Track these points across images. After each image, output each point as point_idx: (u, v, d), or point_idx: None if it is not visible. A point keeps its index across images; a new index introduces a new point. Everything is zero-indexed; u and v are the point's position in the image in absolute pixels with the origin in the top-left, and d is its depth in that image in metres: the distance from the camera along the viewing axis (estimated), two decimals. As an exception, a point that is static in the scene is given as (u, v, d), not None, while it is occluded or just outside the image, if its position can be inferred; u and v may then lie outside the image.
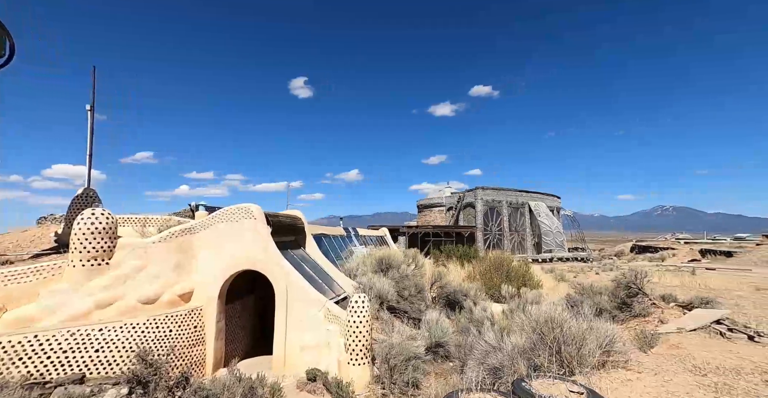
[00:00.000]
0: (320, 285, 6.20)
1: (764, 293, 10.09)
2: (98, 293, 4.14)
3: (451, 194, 41.29)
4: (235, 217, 5.45)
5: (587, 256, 38.65)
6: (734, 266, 21.34)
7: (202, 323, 4.92)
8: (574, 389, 2.30)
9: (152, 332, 4.20)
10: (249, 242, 5.29)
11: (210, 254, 5.31)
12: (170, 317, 4.47)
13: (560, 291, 12.55)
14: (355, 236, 13.01)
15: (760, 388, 3.52)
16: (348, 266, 9.20)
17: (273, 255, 5.22)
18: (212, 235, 5.39)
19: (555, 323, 3.96)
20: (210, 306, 5.04)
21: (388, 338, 5.55)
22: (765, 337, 5.41)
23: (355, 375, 4.34)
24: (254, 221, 5.36)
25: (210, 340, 4.93)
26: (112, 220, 4.47)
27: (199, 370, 4.70)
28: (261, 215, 5.50)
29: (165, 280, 4.73)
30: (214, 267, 5.22)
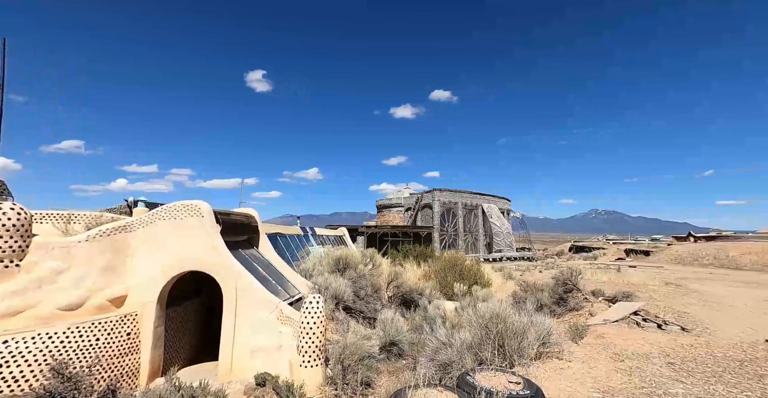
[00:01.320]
0: (274, 286, 5.99)
1: (671, 287, 11.63)
2: (5, 300, 3.59)
3: (410, 195, 42.16)
4: (180, 214, 5.06)
5: (532, 255, 41.68)
6: (651, 264, 24.34)
7: (137, 329, 4.49)
8: (513, 379, 2.48)
9: (74, 342, 3.74)
10: (195, 241, 4.94)
11: (149, 255, 4.87)
12: (97, 324, 4.02)
13: (508, 289, 13.37)
14: (313, 235, 12.76)
15: (663, 369, 4.07)
16: (304, 267, 9.00)
17: (222, 255, 4.93)
18: (152, 233, 4.95)
19: (500, 319, 4.22)
20: (147, 311, 4.62)
21: (343, 338, 5.52)
22: (670, 325, 6.26)
23: (307, 377, 4.26)
24: (202, 219, 5.01)
25: (146, 348, 4.52)
26: (24, 216, 3.90)
27: (131, 381, 4.29)
28: (210, 213, 5.17)
29: (93, 283, 4.24)
30: (153, 269, 4.80)
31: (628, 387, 3.57)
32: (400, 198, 42.73)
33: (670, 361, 4.36)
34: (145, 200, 6.11)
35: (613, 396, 3.34)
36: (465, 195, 40.34)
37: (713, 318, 7.04)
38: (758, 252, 23.59)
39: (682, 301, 9.05)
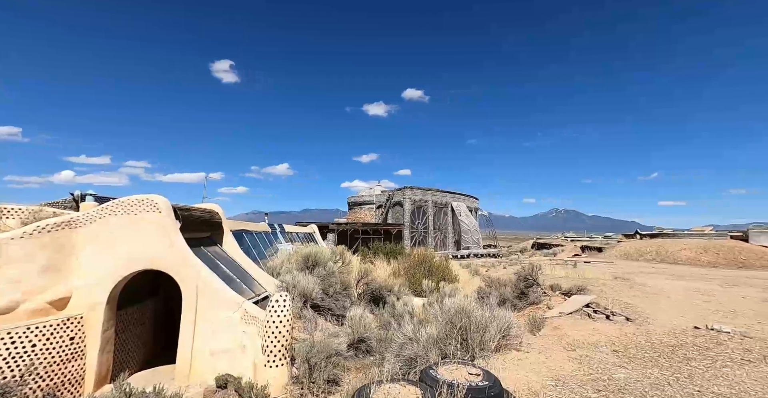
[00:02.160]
0: (238, 285, 5.79)
1: (619, 281, 12.63)
2: None
3: (381, 193, 42.34)
4: (134, 209, 4.72)
5: (498, 252, 43.43)
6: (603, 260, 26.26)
7: (81, 333, 4.15)
8: (473, 371, 2.58)
9: (3, 349, 3.39)
10: (151, 238, 4.63)
11: (98, 253, 4.51)
12: (33, 329, 3.66)
13: (474, 284, 13.84)
14: (281, 232, 12.46)
15: (609, 357, 4.42)
16: (271, 264, 8.78)
17: (181, 253, 4.67)
18: (102, 230, 4.58)
19: (464, 313, 4.37)
20: (95, 313, 4.28)
21: (310, 336, 5.47)
22: (617, 316, 6.79)
23: (271, 377, 4.17)
24: (159, 215, 4.71)
25: (93, 352, 4.19)
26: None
27: (75, 389, 3.96)
28: (168, 208, 4.87)
29: (29, 285, 3.85)
30: (102, 268, 4.45)
31: (578, 374, 3.84)
32: (371, 195, 42.78)
33: (615, 349, 4.74)
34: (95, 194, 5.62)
35: (564, 383, 3.58)
36: (435, 193, 41.16)
37: (653, 309, 7.73)
38: (692, 248, 26.20)
39: (628, 294, 9.86)
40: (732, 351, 4.65)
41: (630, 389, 3.45)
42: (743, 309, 7.64)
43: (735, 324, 6.10)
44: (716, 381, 3.66)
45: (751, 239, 28.11)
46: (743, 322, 6.36)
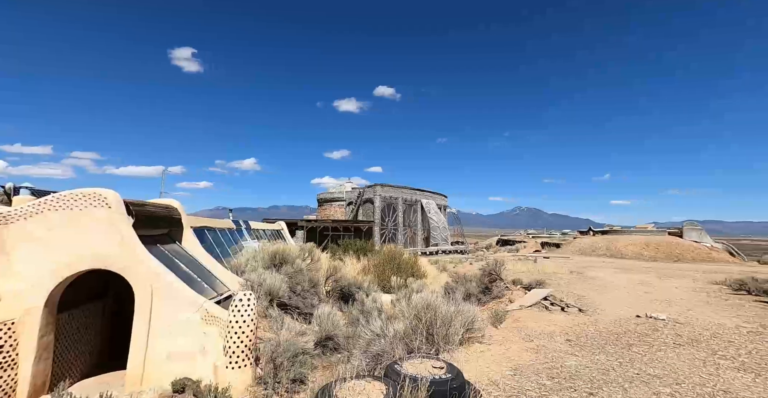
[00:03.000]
0: (199, 284, 5.52)
1: (574, 274, 13.53)
2: None
3: (352, 190, 42.12)
4: (79, 204, 4.32)
5: (465, 249, 44.86)
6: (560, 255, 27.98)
7: (13, 340, 3.74)
8: (437, 365, 2.65)
9: None
10: (99, 235, 4.27)
11: (34, 252, 4.08)
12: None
13: (441, 280, 14.20)
14: (247, 229, 12.01)
15: (562, 346, 4.73)
16: (236, 262, 8.45)
17: (134, 251, 4.35)
18: (39, 227, 4.15)
19: (430, 309, 4.47)
20: (31, 318, 3.87)
21: (276, 336, 5.34)
22: (571, 307, 7.28)
23: (234, 379, 4.02)
24: (108, 210, 4.35)
25: (27, 361, 3.79)
26: None
27: (7, 402, 3.58)
28: (118, 203, 4.50)
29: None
30: (40, 268, 4.03)
31: (534, 363, 4.08)
32: (341, 192, 42.42)
33: (568, 338, 5.08)
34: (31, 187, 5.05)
35: (522, 371, 3.79)
36: (405, 191, 41.63)
37: (602, 300, 8.38)
38: (636, 244, 28.64)
39: (582, 286, 10.59)
40: (666, 336, 5.16)
41: (580, 374, 3.72)
42: (676, 299, 8.50)
43: (669, 312, 6.76)
44: (652, 363, 4.05)
45: (684, 235, 31.24)
46: (676, 310, 7.07)
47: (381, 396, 2.11)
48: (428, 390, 2.26)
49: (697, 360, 4.16)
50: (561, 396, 3.20)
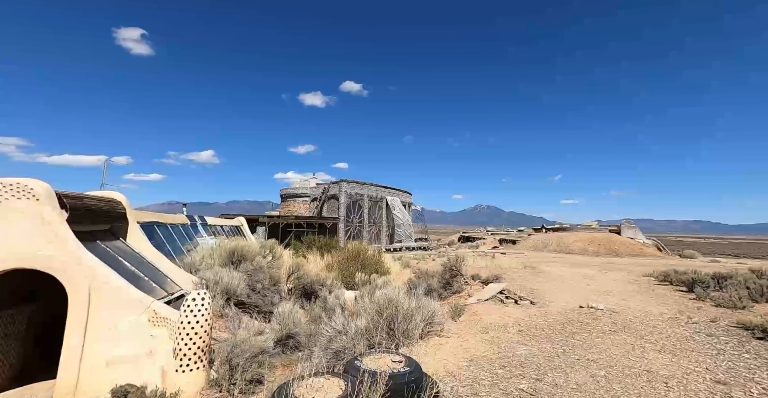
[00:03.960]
0: (146, 284, 5.14)
1: (528, 269, 14.43)
2: None
3: (317, 185, 41.39)
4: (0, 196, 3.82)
5: (428, 245, 45.97)
6: (516, 251, 29.64)
7: None
8: (396, 359, 2.72)
9: None
10: (23, 231, 3.80)
11: (-56, 250, 3.55)
12: None
13: (405, 276, 14.46)
14: (203, 225, 11.37)
15: (515, 336, 5.04)
16: (189, 260, 7.98)
17: (67, 249, 3.94)
18: (-49, 221, 3.61)
19: (392, 304, 4.54)
20: (-61, 326, 3.38)
21: (233, 336, 5.13)
22: (524, 300, 7.76)
23: (185, 383, 3.81)
24: (36, 204, 3.88)
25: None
26: None
27: None
28: (49, 195, 4.04)
29: None
30: (-50, 268, 3.52)
31: (488, 353, 4.31)
32: (306, 188, 41.51)
33: (520, 329, 5.43)
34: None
35: (477, 362, 3.99)
36: (371, 187, 41.69)
37: (552, 292, 9.03)
38: (582, 240, 31.13)
39: (534, 280, 11.33)
40: (603, 324, 5.69)
41: (529, 362, 3.99)
42: (613, 290, 9.39)
43: (607, 302, 7.46)
44: (591, 349, 4.45)
45: (622, 232, 34.55)
46: (612, 300, 7.82)
47: (339, 392, 2.12)
48: (387, 384, 2.30)
49: (627, 344, 4.64)
50: (511, 383, 3.42)
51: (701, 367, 3.83)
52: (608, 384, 3.43)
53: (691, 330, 5.29)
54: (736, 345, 4.54)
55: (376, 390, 2.28)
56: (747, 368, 3.80)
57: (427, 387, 2.56)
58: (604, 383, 3.45)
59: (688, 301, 7.78)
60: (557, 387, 3.34)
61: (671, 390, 3.29)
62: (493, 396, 3.15)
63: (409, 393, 2.43)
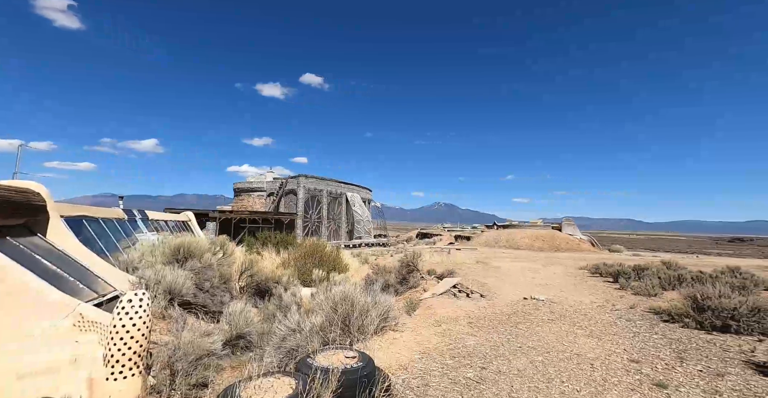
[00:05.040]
0: (72, 285, 4.60)
1: (480, 264, 15.22)
2: None
3: (274, 180, 39.88)
4: None
5: (387, 242, 46.53)
6: (470, 247, 31.10)
7: None
8: (349, 354, 2.72)
9: None
10: None
11: None
12: None
13: (363, 272, 14.50)
14: (143, 220, 10.42)
15: (465, 328, 5.30)
16: (126, 258, 7.28)
17: (-29, 246, 3.39)
18: None
19: (347, 300, 4.54)
20: None
21: (176, 338, 4.79)
22: (475, 294, 8.18)
23: (117, 392, 3.48)
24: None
25: None
26: None
27: None
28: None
29: None
30: None
31: (440, 345, 4.49)
32: (262, 182, 39.79)
33: (470, 321, 5.72)
34: None
35: (429, 354, 4.14)
36: (331, 183, 41.11)
37: (500, 286, 9.63)
38: (529, 237, 33.52)
39: (485, 274, 11.98)
40: (543, 314, 6.20)
41: (476, 352, 4.23)
42: (553, 282, 10.26)
43: (547, 294, 8.13)
44: (531, 337, 4.83)
45: (563, 229, 37.79)
46: (552, 292, 8.55)
47: (290, 391, 2.08)
48: (339, 380, 2.30)
49: (562, 331, 5.11)
50: (459, 372, 3.60)
51: (620, 348, 4.34)
52: (544, 368, 3.75)
53: (615, 316, 5.96)
54: (648, 328, 5.21)
55: (328, 387, 2.27)
56: (655, 347, 4.38)
57: (379, 381, 2.61)
58: (541, 367, 3.76)
59: (613, 290, 8.76)
60: (500, 374, 3.58)
61: (596, 370, 3.68)
62: (442, 385, 3.30)
63: (361, 388, 2.45)
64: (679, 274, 9.13)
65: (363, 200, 46.17)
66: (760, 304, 4.80)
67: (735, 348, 4.27)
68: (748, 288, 6.76)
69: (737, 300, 4.93)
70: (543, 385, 3.33)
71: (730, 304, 4.89)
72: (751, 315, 4.75)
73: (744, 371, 3.60)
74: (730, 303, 4.90)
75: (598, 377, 3.52)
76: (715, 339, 4.63)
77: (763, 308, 4.75)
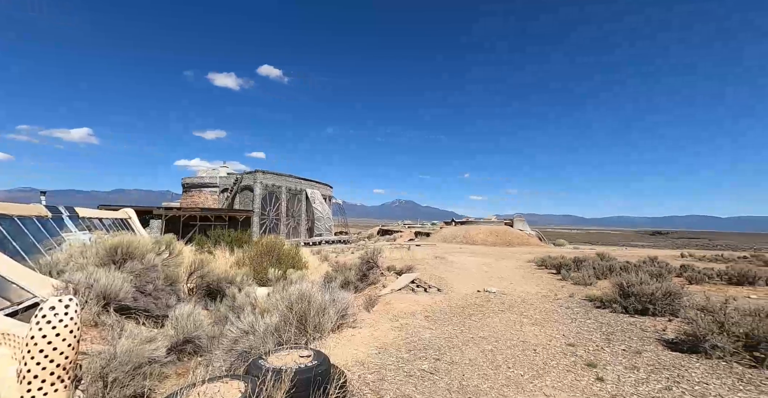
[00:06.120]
0: (-22, 293, 3.98)
1: (438, 259, 15.72)
2: None
3: (228, 175, 37.77)
4: None
5: (348, 239, 46.26)
6: (429, 243, 32.01)
7: None
8: (304, 354, 2.67)
9: None
10: None
11: None
12: None
13: (323, 270, 14.29)
14: (72, 218, 9.33)
15: (422, 322, 5.45)
16: (49, 260, 6.48)
17: None
18: None
19: (304, 299, 4.45)
20: None
21: (111, 347, 4.36)
22: (432, 288, 8.44)
23: (37, 412, 3.09)
24: None
25: None
26: None
27: None
28: None
29: None
30: None
31: (397, 340, 4.57)
32: (215, 177, 37.48)
33: (427, 315, 5.89)
34: None
35: (386, 349, 4.19)
36: (290, 179, 39.89)
37: (456, 280, 10.04)
38: (484, 232, 35.28)
39: (442, 269, 12.40)
40: (494, 305, 6.58)
41: (432, 345, 4.37)
42: (505, 275, 10.93)
43: (499, 286, 8.64)
44: (482, 328, 5.10)
45: (514, 225, 40.32)
46: (503, 284, 9.09)
47: (238, 395, 1.99)
48: (292, 380, 2.25)
49: (511, 321, 5.46)
50: (414, 365, 3.70)
51: (560, 334, 4.75)
52: (493, 356, 3.99)
53: (556, 305, 6.50)
54: (584, 314, 5.75)
55: (280, 388, 2.20)
56: (588, 331, 4.85)
57: (335, 378, 2.59)
58: (490, 356, 3.99)
59: (556, 281, 9.53)
60: (453, 364, 3.73)
61: (538, 355, 3.99)
62: (397, 378, 3.36)
63: (315, 386, 2.42)
64: (610, 265, 10.20)
65: (324, 196, 45.40)
66: (671, 289, 5.52)
67: (651, 328, 4.87)
68: (663, 276, 7.74)
69: (654, 286, 5.61)
70: (491, 372, 3.54)
71: (648, 290, 5.56)
72: (664, 299, 5.44)
73: (657, 348, 4.12)
74: (649, 289, 5.57)
75: (539, 361, 3.81)
76: (636, 321, 5.24)
77: (673, 292, 5.46)
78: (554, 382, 3.30)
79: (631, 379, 3.32)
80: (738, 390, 3.06)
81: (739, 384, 3.16)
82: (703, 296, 4.82)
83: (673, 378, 3.31)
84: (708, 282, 8.81)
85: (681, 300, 5.40)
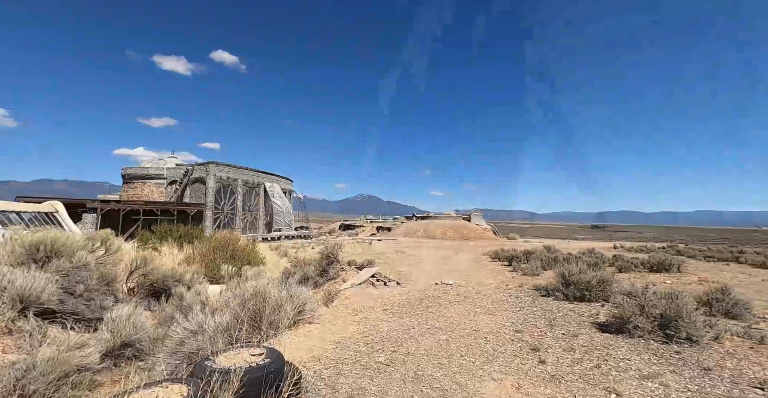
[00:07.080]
0: None
1: (398, 253, 15.98)
2: None
3: (177, 166, 35.07)
4: None
5: (309, 234, 45.35)
6: (390, 237, 32.42)
7: None
8: (255, 352, 2.56)
9: None
10: None
11: None
12: None
13: (281, 266, 13.87)
14: (-19, 209, 8.08)
15: (381, 315, 5.50)
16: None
17: None
18: None
19: (259, 296, 4.27)
20: None
21: (30, 356, 3.86)
22: (392, 282, 8.55)
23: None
24: None
25: None
26: None
27: None
28: None
29: None
30: None
31: (355, 333, 4.57)
32: (161, 168, 34.59)
33: (385, 308, 5.96)
34: None
35: (343, 343, 4.17)
36: (247, 172, 38.03)
37: (415, 273, 10.26)
38: (443, 227, 36.48)
39: (403, 263, 12.62)
40: (451, 296, 6.83)
41: (389, 337, 4.43)
42: (461, 267, 11.39)
43: (455, 278, 8.99)
44: (439, 318, 5.28)
45: (472, 220, 42.17)
46: (460, 276, 9.48)
47: (180, 400, 1.85)
48: (241, 380, 2.14)
49: (465, 311, 5.71)
50: (371, 358, 3.72)
51: (509, 322, 5.06)
52: (448, 345, 4.14)
53: (507, 295, 6.91)
54: (530, 303, 6.19)
55: (227, 389, 2.09)
56: (534, 318, 5.23)
57: (288, 375, 2.51)
58: (445, 345, 4.14)
59: (508, 273, 10.14)
60: (409, 355, 3.82)
61: (488, 343, 4.22)
62: (354, 372, 3.36)
63: (267, 385, 2.33)
64: (555, 256, 11.06)
65: (283, 190, 43.92)
66: (604, 277, 6.13)
67: (587, 313, 5.37)
68: (598, 265, 8.56)
69: (590, 275, 6.19)
70: (445, 361, 3.67)
71: (586, 279, 6.12)
72: (598, 286, 6.03)
73: (591, 330, 4.56)
74: (586, 277, 6.14)
75: (489, 348, 4.03)
76: (575, 307, 5.74)
77: (606, 280, 6.07)
78: (502, 367, 3.51)
79: (568, 360, 3.63)
80: (653, 363, 3.49)
81: (654, 358, 3.61)
82: (629, 282, 5.40)
83: (602, 356, 3.69)
84: (634, 270, 9.91)
85: (612, 286, 6.01)
